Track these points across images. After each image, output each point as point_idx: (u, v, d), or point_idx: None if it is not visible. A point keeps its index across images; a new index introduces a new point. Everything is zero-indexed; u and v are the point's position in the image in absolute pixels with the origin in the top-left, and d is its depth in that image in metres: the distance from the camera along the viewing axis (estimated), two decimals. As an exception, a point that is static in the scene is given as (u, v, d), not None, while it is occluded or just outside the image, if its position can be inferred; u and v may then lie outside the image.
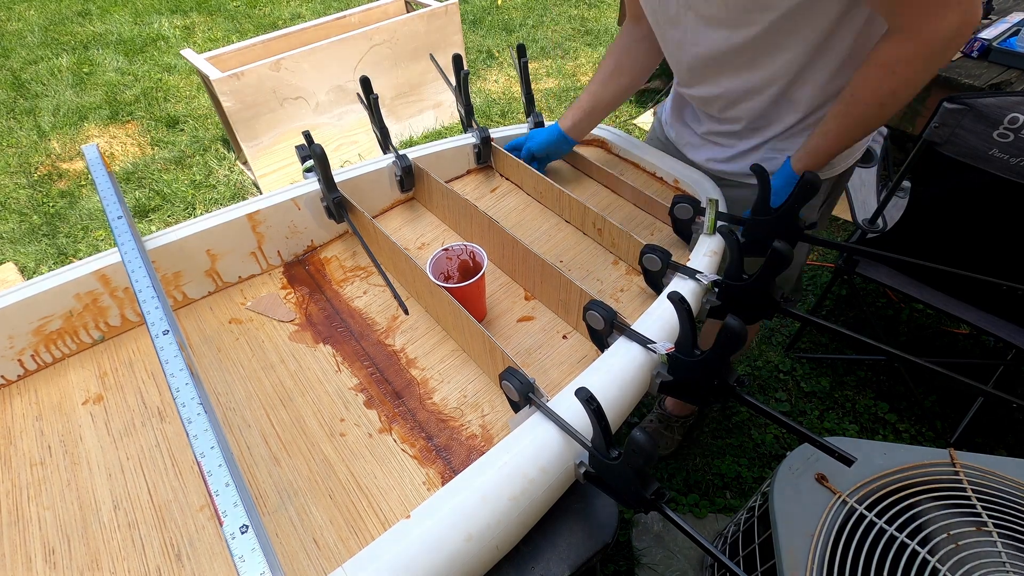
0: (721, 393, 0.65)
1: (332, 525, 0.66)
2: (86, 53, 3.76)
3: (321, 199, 0.98)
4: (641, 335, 0.71)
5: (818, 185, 0.79)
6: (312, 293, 0.96)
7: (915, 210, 1.44)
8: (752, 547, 1.00)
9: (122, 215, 0.84)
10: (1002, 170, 1.22)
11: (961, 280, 1.43)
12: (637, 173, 1.15)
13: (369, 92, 1.04)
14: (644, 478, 0.56)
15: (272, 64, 2.31)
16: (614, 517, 0.68)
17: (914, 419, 1.66)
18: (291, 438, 0.75)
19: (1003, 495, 0.88)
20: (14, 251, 2.36)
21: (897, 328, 1.91)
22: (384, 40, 2.58)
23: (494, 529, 0.58)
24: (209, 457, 0.54)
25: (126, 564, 0.64)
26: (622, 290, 0.92)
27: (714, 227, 0.89)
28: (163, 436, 0.76)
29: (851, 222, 1.89)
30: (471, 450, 0.73)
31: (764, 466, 1.59)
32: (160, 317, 0.68)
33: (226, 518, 0.50)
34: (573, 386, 0.66)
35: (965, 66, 1.87)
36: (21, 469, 0.73)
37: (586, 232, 1.02)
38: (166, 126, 3.07)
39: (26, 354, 0.82)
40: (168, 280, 0.90)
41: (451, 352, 0.85)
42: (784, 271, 0.71)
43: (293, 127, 2.52)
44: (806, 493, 0.91)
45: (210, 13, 4.26)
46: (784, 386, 1.78)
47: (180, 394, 0.59)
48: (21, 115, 3.18)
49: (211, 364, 0.85)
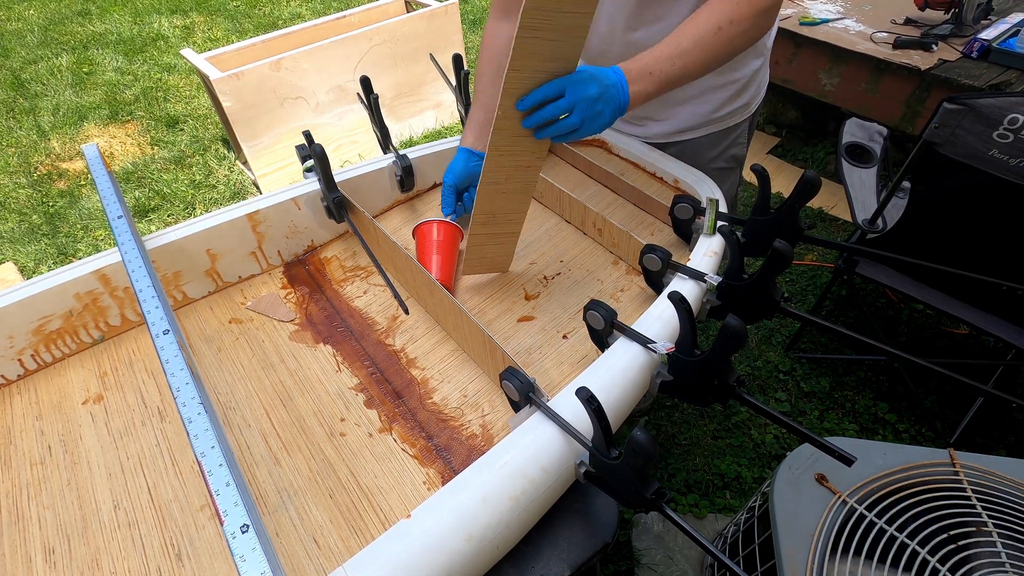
0: (721, 393, 0.65)
1: (332, 525, 0.66)
2: (86, 53, 3.76)
3: (321, 199, 0.98)
4: (641, 335, 0.71)
5: (818, 184, 0.79)
6: (312, 293, 0.96)
7: (915, 210, 1.44)
8: (752, 547, 1.00)
9: (122, 215, 0.84)
10: (1002, 171, 1.22)
11: (961, 280, 1.43)
12: (637, 173, 1.15)
13: (369, 92, 1.04)
14: (644, 478, 0.56)
15: (272, 64, 2.31)
16: (614, 517, 0.68)
17: (914, 419, 1.66)
18: (291, 438, 0.75)
19: (1003, 495, 0.88)
20: (14, 251, 2.36)
21: (897, 328, 1.91)
22: (384, 40, 2.58)
23: (494, 529, 0.58)
24: (209, 457, 0.54)
25: (126, 564, 0.63)
26: (622, 290, 0.92)
27: (714, 227, 0.89)
28: (163, 436, 0.76)
29: (851, 222, 1.89)
30: (471, 450, 0.73)
31: (764, 466, 1.59)
32: (160, 317, 0.68)
33: (227, 517, 0.50)
34: (573, 386, 0.66)
35: (965, 66, 1.88)
36: (21, 469, 0.73)
37: (586, 232, 1.02)
38: (166, 126, 3.07)
39: (26, 354, 0.82)
40: (168, 280, 0.90)
41: (451, 352, 0.85)
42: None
43: (293, 127, 2.52)
44: (806, 493, 0.91)
45: (210, 13, 4.26)
46: (784, 386, 1.78)
47: (180, 394, 0.59)
48: (21, 115, 3.18)
49: (211, 364, 0.85)
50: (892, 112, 2.02)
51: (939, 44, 1.98)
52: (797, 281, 2.10)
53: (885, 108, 2.03)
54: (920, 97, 1.94)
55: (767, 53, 1.09)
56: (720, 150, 1.15)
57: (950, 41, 2.00)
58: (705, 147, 1.14)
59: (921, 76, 1.89)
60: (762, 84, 1.13)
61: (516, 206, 0.90)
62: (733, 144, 1.15)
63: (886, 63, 1.95)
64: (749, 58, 1.04)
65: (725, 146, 1.15)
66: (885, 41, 2.03)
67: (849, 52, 2.03)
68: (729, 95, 1.08)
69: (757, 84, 1.11)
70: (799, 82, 2.23)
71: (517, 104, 0.75)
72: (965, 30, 2.02)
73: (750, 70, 1.06)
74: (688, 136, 1.13)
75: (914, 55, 1.95)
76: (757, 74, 1.09)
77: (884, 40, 2.04)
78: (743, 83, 1.07)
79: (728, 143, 1.14)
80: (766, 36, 1.04)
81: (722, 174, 1.16)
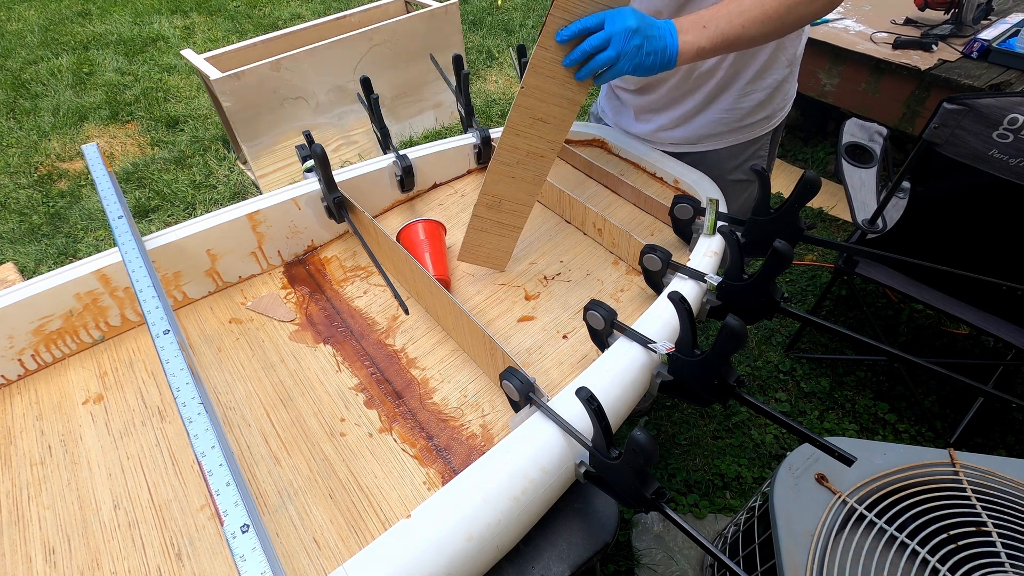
0: (721, 393, 0.65)
1: (332, 525, 0.66)
2: (86, 53, 3.76)
3: (321, 199, 0.98)
4: (641, 335, 0.71)
5: (818, 184, 0.79)
6: (312, 293, 0.96)
7: (915, 210, 1.44)
8: (752, 547, 1.00)
9: (122, 215, 0.84)
10: (1002, 171, 1.22)
11: (961, 280, 1.43)
12: (637, 173, 1.15)
13: (369, 92, 1.04)
14: (644, 478, 0.56)
15: (272, 64, 2.31)
16: (614, 517, 0.68)
17: (914, 419, 1.66)
18: (291, 438, 0.75)
19: (1003, 495, 0.88)
20: (14, 251, 2.36)
21: (897, 328, 1.91)
22: (384, 40, 2.59)
23: (495, 529, 0.58)
24: (210, 457, 0.54)
25: (126, 564, 0.64)
26: (622, 290, 0.92)
27: (714, 227, 0.89)
28: (163, 436, 0.76)
29: (851, 222, 1.89)
30: (472, 450, 0.73)
31: (764, 466, 1.59)
32: (160, 317, 0.68)
33: (227, 517, 0.50)
34: (573, 386, 0.66)
35: (965, 67, 1.88)
36: (21, 469, 0.73)
37: (586, 232, 1.02)
38: (166, 126, 3.07)
39: (26, 354, 0.82)
40: (168, 280, 0.90)
41: (451, 352, 0.85)
42: None
43: (293, 127, 2.52)
44: (806, 493, 0.91)
45: (210, 13, 4.26)
46: (784, 386, 1.78)
47: (180, 394, 0.59)
48: (21, 115, 3.18)
49: (211, 364, 0.85)
50: (892, 112, 2.02)
51: (939, 44, 1.98)
52: (797, 281, 2.10)
53: (885, 108, 2.03)
54: (920, 97, 1.94)
55: (796, 64, 1.04)
56: (739, 162, 1.12)
57: (950, 41, 2.00)
58: (724, 158, 1.11)
59: (921, 76, 1.89)
60: (787, 97, 1.08)
61: (523, 197, 0.91)
62: (753, 156, 1.12)
63: (886, 63, 1.95)
64: (777, 65, 1.01)
65: (745, 158, 1.11)
66: (885, 41, 2.03)
67: (849, 52, 2.03)
68: (752, 105, 1.04)
69: (782, 96, 1.06)
70: (799, 82, 2.22)
71: (557, 35, 0.74)
72: (965, 30, 2.02)
73: (776, 78, 1.02)
74: (707, 147, 1.10)
75: (914, 55, 1.95)
76: (783, 85, 1.04)
77: (884, 40, 2.04)
78: (768, 92, 1.03)
79: (748, 155, 1.11)
80: (797, 46, 1.01)
81: (740, 186, 1.14)
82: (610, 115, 1.23)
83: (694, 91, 1.03)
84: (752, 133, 1.08)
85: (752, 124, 1.07)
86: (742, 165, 1.12)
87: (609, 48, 0.75)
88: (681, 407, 1.73)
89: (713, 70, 0.99)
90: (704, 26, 0.79)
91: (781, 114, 1.09)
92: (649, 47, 0.76)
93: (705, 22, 0.79)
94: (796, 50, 1.02)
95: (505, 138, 0.84)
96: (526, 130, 0.83)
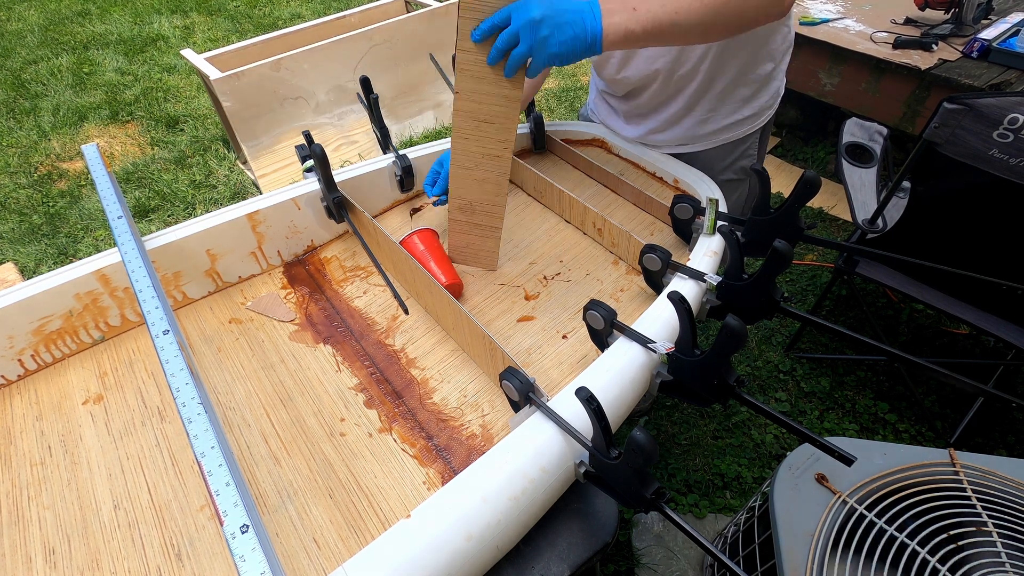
0: (721, 393, 0.65)
1: (332, 525, 0.66)
2: (86, 53, 3.76)
3: (321, 199, 0.98)
4: (641, 335, 0.71)
5: (818, 184, 0.79)
6: (312, 293, 0.96)
7: (915, 210, 1.44)
8: (752, 547, 1.00)
9: (122, 215, 0.84)
10: (1002, 170, 1.22)
11: (961, 280, 1.43)
12: (637, 173, 1.15)
13: (369, 92, 1.04)
14: (644, 478, 0.56)
15: (272, 64, 2.31)
16: (614, 517, 0.68)
17: (914, 419, 1.66)
18: (291, 438, 0.75)
19: (1003, 495, 0.88)
20: (14, 251, 2.35)
21: (897, 328, 1.91)
22: (384, 40, 2.58)
23: (494, 529, 0.58)
24: (209, 457, 0.54)
25: (126, 564, 0.64)
26: (622, 290, 0.92)
27: (714, 227, 0.89)
28: (163, 436, 0.76)
29: (851, 222, 1.89)
30: (471, 450, 0.73)
31: (764, 466, 1.59)
32: (160, 317, 0.68)
33: (226, 518, 0.50)
34: (573, 386, 0.66)
35: (965, 66, 1.88)
36: (21, 469, 0.73)
37: (586, 232, 1.02)
38: (166, 126, 3.07)
39: (26, 354, 0.82)
40: (168, 280, 0.90)
41: (451, 352, 0.85)
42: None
43: (293, 127, 2.52)
44: (806, 493, 0.91)
45: (210, 13, 4.26)
46: (784, 386, 1.78)
47: (180, 394, 0.59)
48: (21, 115, 3.18)
49: (211, 364, 0.85)
50: (892, 112, 2.02)
51: (939, 44, 1.98)
52: (797, 281, 2.10)
53: (885, 108, 2.03)
54: (920, 97, 1.94)
55: (780, 60, 1.03)
56: (729, 162, 1.12)
57: (950, 41, 2.00)
58: (714, 159, 1.11)
59: (921, 76, 1.89)
60: (774, 94, 1.07)
61: (492, 198, 0.91)
62: (743, 156, 1.12)
63: (886, 63, 1.95)
64: (758, 62, 1.00)
65: (734, 158, 1.12)
66: (885, 41, 2.03)
67: (849, 52, 2.03)
68: (737, 104, 1.04)
69: (769, 94, 1.06)
70: (799, 82, 2.23)
71: (472, 34, 0.72)
72: (965, 30, 2.02)
73: (760, 75, 1.01)
74: (696, 148, 1.10)
75: (914, 55, 1.95)
76: (769, 82, 1.04)
77: (884, 40, 2.04)
78: (753, 90, 1.03)
79: (737, 155, 1.11)
80: (781, 39, 1.00)
81: (731, 186, 1.14)
82: (602, 118, 1.23)
83: (676, 95, 1.04)
84: (739, 132, 1.08)
85: (738, 123, 1.07)
86: (732, 165, 1.13)
87: (520, 44, 0.72)
88: (681, 407, 1.73)
89: (692, 72, 0.99)
90: (635, 8, 0.73)
91: (768, 112, 1.09)
92: (561, 36, 0.71)
93: (636, 4, 0.73)
94: (779, 45, 1.01)
95: (455, 143, 0.83)
96: (473, 133, 0.82)
